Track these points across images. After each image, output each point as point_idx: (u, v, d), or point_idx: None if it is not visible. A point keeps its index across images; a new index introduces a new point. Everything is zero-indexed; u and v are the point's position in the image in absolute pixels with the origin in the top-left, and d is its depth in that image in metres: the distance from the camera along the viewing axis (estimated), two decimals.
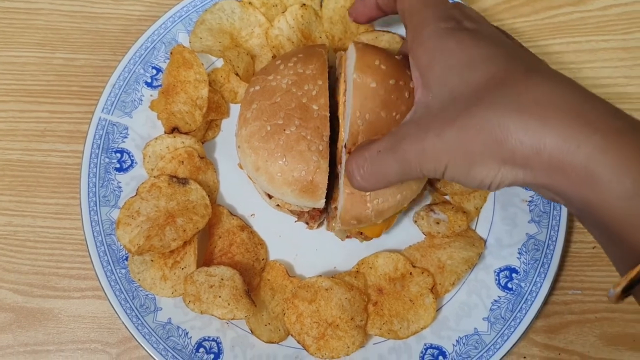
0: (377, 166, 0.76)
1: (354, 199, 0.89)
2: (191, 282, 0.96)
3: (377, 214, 0.90)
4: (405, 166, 0.73)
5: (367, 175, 0.78)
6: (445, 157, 0.69)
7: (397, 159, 0.73)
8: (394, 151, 0.73)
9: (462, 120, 0.67)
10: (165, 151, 1.05)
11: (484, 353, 0.96)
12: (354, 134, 0.87)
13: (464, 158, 0.68)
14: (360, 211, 0.90)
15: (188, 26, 1.16)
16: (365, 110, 0.89)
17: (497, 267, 1.02)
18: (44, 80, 1.20)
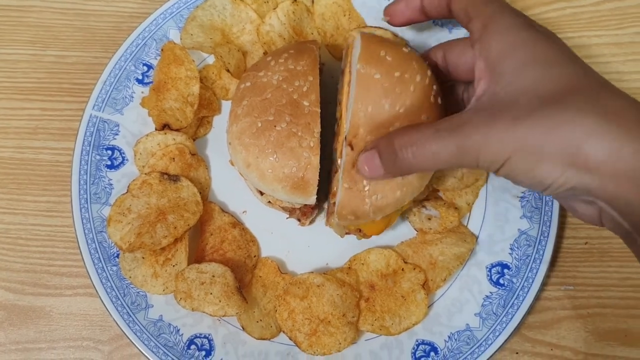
0: (430, 146, 0.73)
1: (352, 194, 0.87)
2: (182, 279, 0.96)
3: (376, 210, 0.88)
4: (462, 151, 0.71)
5: (418, 154, 0.75)
6: (509, 151, 0.68)
7: (455, 142, 0.71)
8: (454, 134, 0.71)
9: (537, 117, 0.66)
10: (157, 148, 1.05)
11: (475, 349, 0.96)
12: (355, 126, 0.86)
13: (531, 155, 0.67)
14: (358, 206, 0.87)
15: (179, 23, 1.16)
16: (368, 102, 0.86)
17: (488, 263, 1.02)
18: (35, 78, 1.20)
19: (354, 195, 0.87)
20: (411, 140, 0.76)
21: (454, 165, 0.74)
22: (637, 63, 1.19)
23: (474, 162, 0.71)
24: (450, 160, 0.73)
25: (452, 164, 0.73)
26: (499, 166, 0.70)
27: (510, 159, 0.68)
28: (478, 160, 0.70)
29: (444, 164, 0.74)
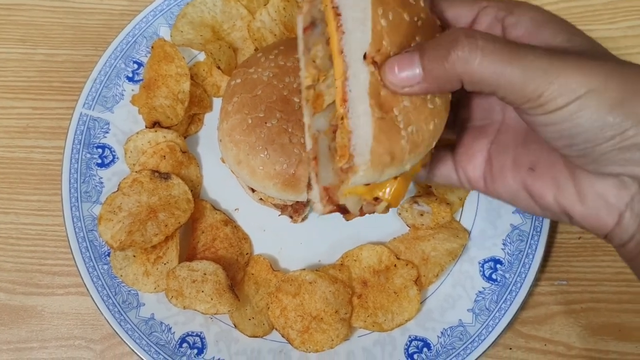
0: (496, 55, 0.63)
1: (385, 125, 0.68)
2: (173, 277, 0.95)
3: (412, 147, 0.70)
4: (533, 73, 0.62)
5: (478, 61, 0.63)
6: (590, 87, 0.61)
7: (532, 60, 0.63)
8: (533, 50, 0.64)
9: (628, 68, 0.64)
10: (147, 146, 1.05)
11: (468, 344, 0.96)
12: (378, 36, 0.68)
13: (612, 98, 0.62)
14: (395, 142, 0.69)
15: (169, 20, 1.16)
16: (388, 8, 0.70)
17: (481, 259, 1.02)
18: (26, 77, 1.20)
19: (388, 127, 0.68)
20: (476, 42, 0.63)
21: (519, 86, 0.63)
22: (630, 57, 1.16)
23: (539, 90, 0.62)
24: (512, 83, 0.63)
25: (516, 84, 0.63)
26: (564, 104, 0.62)
27: (587, 96, 0.62)
28: (548, 89, 0.62)
29: (501, 85, 0.64)
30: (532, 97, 0.63)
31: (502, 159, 0.77)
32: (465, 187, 0.82)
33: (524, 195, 0.75)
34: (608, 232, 0.70)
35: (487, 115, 0.80)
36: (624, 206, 0.67)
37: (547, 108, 0.63)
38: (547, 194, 0.72)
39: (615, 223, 0.69)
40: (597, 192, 0.69)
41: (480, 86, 0.65)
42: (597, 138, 0.63)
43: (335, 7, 0.73)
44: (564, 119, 0.64)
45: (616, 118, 0.62)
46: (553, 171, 0.72)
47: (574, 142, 0.65)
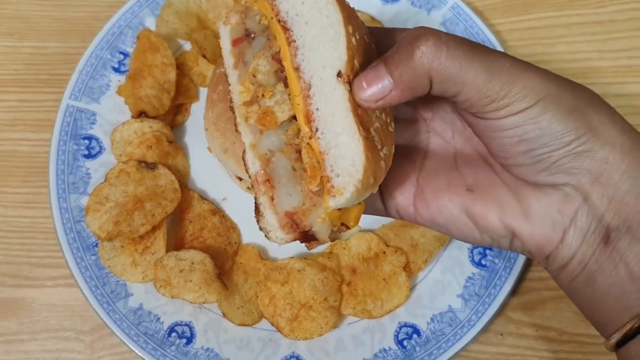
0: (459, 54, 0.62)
1: (369, 144, 0.64)
2: (161, 267, 0.95)
3: (385, 168, 0.68)
4: (493, 75, 0.61)
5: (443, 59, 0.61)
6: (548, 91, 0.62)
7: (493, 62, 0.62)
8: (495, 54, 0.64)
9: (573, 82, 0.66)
10: (133, 136, 1.05)
11: (458, 330, 0.96)
12: (352, 54, 0.65)
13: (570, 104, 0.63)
14: (376, 162, 0.65)
15: (155, 10, 1.16)
16: (355, 28, 0.67)
17: (470, 244, 1.01)
18: (13, 70, 1.19)
19: (372, 147, 0.65)
20: (440, 38, 0.62)
21: (472, 91, 0.63)
22: (618, 41, 1.19)
23: (503, 92, 0.62)
24: (475, 82, 0.62)
25: (474, 86, 0.62)
26: (528, 105, 0.62)
27: (546, 100, 0.62)
28: (507, 92, 0.62)
29: (465, 84, 0.63)
30: (497, 98, 0.62)
31: (434, 183, 0.74)
32: (392, 215, 0.77)
33: (463, 219, 0.71)
34: (551, 252, 0.67)
35: (411, 139, 0.77)
36: (568, 221, 0.66)
37: (510, 110, 0.63)
38: (491, 214, 0.69)
39: (559, 241, 0.66)
40: (543, 207, 0.67)
41: (447, 84, 0.63)
42: (556, 142, 0.64)
43: (283, 22, 0.70)
44: (525, 121, 0.63)
45: (574, 123, 0.63)
46: (494, 191, 0.70)
47: (533, 146, 0.64)
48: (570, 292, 0.70)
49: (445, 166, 0.75)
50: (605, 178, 0.64)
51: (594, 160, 0.64)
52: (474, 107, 0.64)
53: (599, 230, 0.65)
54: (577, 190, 0.65)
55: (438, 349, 0.95)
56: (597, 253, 0.65)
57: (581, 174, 0.64)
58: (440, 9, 1.16)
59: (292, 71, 0.68)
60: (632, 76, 1.17)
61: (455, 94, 0.64)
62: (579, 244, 0.66)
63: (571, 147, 0.64)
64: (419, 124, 0.77)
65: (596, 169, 0.64)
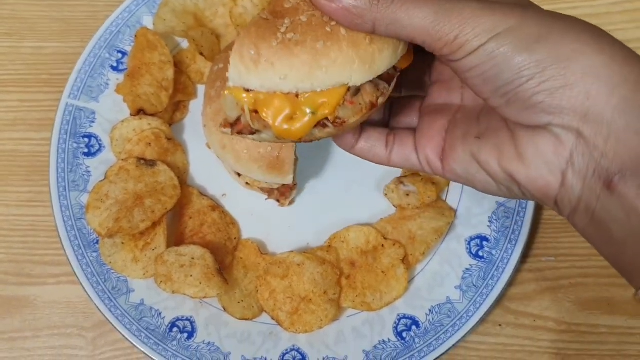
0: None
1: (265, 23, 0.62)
2: (162, 263, 0.96)
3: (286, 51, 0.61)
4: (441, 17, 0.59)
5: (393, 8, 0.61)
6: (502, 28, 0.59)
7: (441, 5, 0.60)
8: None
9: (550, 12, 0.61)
10: (132, 134, 1.06)
11: (457, 321, 0.96)
12: None
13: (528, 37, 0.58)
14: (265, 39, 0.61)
15: (152, 9, 1.17)
16: None
17: (467, 236, 1.03)
18: (13, 70, 1.20)
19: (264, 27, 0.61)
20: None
21: (432, 30, 0.61)
22: (614, 33, 1.13)
23: (453, 34, 0.60)
24: (429, 23, 0.61)
25: (428, 28, 0.61)
26: (477, 45, 0.60)
27: (501, 35, 0.59)
28: (462, 30, 0.60)
29: (415, 28, 0.61)
30: (449, 40, 0.60)
31: (454, 134, 0.74)
32: (425, 170, 0.78)
33: (475, 167, 0.70)
34: (556, 196, 0.63)
35: (446, 98, 0.78)
36: (564, 163, 0.62)
37: (465, 50, 0.61)
38: (491, 159, 0.67)
39: (560, 184, 0.62)
40: (536, 148, 0.63)
41: (396, 30, 0.62)
42: (517, 78, 0.60)
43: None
44: (482, 60, 0.60)
45: (532, 55, 0.58)
46: (496, 135, 0.68)
47: (497, 84, 0.61)
48: (589, 240, 0.65)
49: (469, 118, 0.74)
50: (594, 115, 0.58)
51: (572, 97, 0.58)
52: (434, 50, 0.63)
53: (599, 173, 0.59)
54: (566, 130, 0.60)
55: (437, 340, 0.95)
56: (603, 199, 0.60)
57: (564, 112, 0.59)
58: None
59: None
60: None
61: (411, 38, 0.63)
62: (580, 188, 0.61)
63: (536, 82, 0.59)
64: (454, 81, 0.76)
65: (579, 105, 0.58)
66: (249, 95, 0.62)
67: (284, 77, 0.60)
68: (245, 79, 0.61)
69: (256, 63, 0.60)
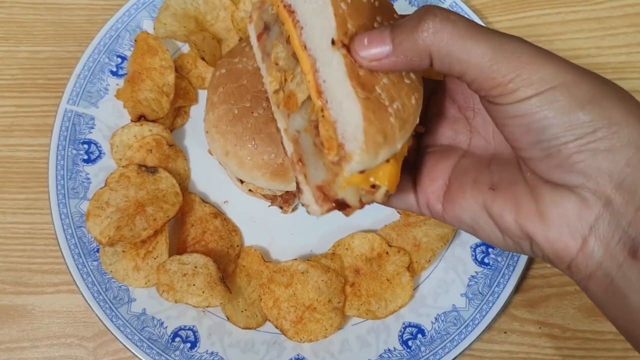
0: (464, 32, 0.61)
1: (371, 104, 0.65)
2: (164, 272, 0.95)
3: (400, 123, 0.68)
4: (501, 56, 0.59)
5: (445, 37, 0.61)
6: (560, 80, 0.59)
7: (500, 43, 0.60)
8: (502, 35, 0.61)
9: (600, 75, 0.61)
10: (133, 140, 1.05)
11: (463, 329, 0.96)
12: (342, 19, 0.67)
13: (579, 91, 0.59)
14: (384, 120, 0.66)
15: (152, 13, 1.16)
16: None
17: (473, 243, 1.02)
18: (9, 75, 1.19)
19: (374, 106, 0.65)
20: (449, 15, 0.62)
21: (487, 67, 0.61)
22: (616, 37, 1.20)
23: (511, 75, 0.60)
24: (487, 59, 0.61)
25: (484, 64, 0.61)
26: (535, 92, 0.60)
27: (558, 88, 0.58)
28: (519, 74, 0.60)
29: (475, 61, 0.61)
30: (503, 82, 0.60)
31: (462, 180, 0.73)
32: (423, 212, 0.77)
33: (484, 218, 0.69)
34: (572, 260, 0.63)
35: (451, 139, 0.77)
36: (587, 229, 0.61)
37: (516, 96, 0.60)
38: (507, 213, 0.66)
39: (579, 249, 0.62)
40: (559, 210, 0.62)
41: (450, 63, 0.62)
42: (565, 134, 0.59)
43: (288, 5, 0.74)
44: (532, 110, 0.60)
45: (587, 115, 0.58)
46: (514, 189, 0.67)
47: (541, 137, 0.61)
48: (601, 306, 0.64)
49: (478, 165, 0.73)
50: (629, 184, 0.59)
51: (614, 162, 0.58)
52: (482, 89, 0.63)
53: (625, 241, 0.59)
54: (596, 195, 0.60)
55: (443, 349, 0.95)
56: (625, 267, 0.60)
57: (600, 177, 0.59)
58: None
59: (300, 50, 0.71)
60: (631, 72, 1.18)
61: (461, 74, 0.63)
62: (602, 254, 0.60)
63: (584, 142, 0.59)
64: (460, 123, 0.77)
65: (617, 172, 0.59)
66: (365, 174, 0.67)
67: (400, 144, 0.67)
68: (371, 163, 0.66)
69: (387, 142, 0.65)
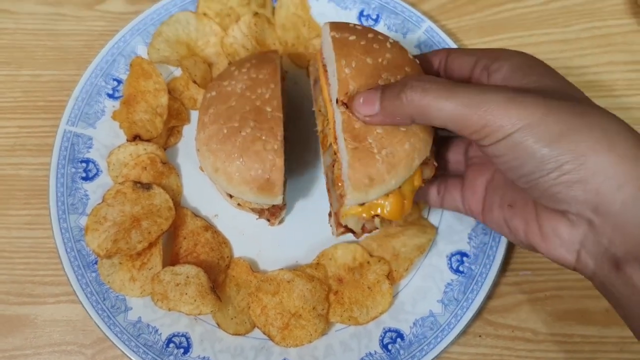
0: (440, 94, 0.72)
1: (359, 153, 0.82)
2: (158, 282, 1.00)
3: (389, 167, 0.83)
4: (469, 111, 0.69)
5: (424, 99, 0.72)
6: (523, 123, 0.67)
7: (469, 99, 0.70)
8: (470, 90, 0.70)
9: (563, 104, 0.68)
10: (129, 158, 1.10)
11: (439, 333, 1.00)
12: (344, 82, 0.85)
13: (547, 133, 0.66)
14: (370, 165, 0.82)
15: (146, 39, 1.21)
16: (351, 58, 0.87)
17: (448, 252, 1.07)
18: (11, 97, 1.24)
19: (362, 154, 0.82)
20: (423, 85, 0.73)
21: (461, 121, 0.71)
22: (584, 58, 1.26)
23: (480, 124, 0.69)
24: (458, 114, 0.70)
25: (458, 119, 0.71)
26: (502, 136, 0.68)
27: (524, 130, 0.67)
28: (487, 122, 0.68)
29: (451, 117, 0.71)
30: (477, 129, 0.70)
31: (493, 196, 0.85)
32: (469, 215, 0.93)
33: (506, 230, 0.82)
34: (574, 268, 0.74)
35: None
36: (578, 244, 0.71)
37: (491, 139, 0.70)
38: (519, 230, 0.79)
39: (575, 261, 0.72)
40: (553, 229, 0.73)
41: (429, 120, 0.74)
42: (538, 170, 0.68)
43: (324, 65, 0.97)
44: (507, 150, 0.70)
45: (553, 151, 0.66)
46: (525, 208, 0.78)
47: (520, 173, 0.71)
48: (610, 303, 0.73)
49: (506, 181, 0.84)
50: (603, 209, 0.66)
51: (586, 192, 0.66)
52: (465, 135, 0.73)
53: (607, 256, 0.68)
54: (581, 218, 0.69)
55: (420, 352, 0.99)
56: (613, 278, 0.68)
57: (579, 204, 0.67)
58: (415, 32, 1.22)
59: (328, 103, 0.95)
60: (598, 90, 1.23)
61: (443, 126, 0.74)
62: (593, 266, 0.70)
63: (555, 176, 0.67)
64: None
65: (591, 199, 0.66)
66: (365, 207, 0.89)
67: (395, 183, 0.85)
68: (363, 198, 0.86)
69: (374, 184, 0.84)
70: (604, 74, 1.24)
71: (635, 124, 0.72)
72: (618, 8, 1.30)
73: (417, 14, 1.24)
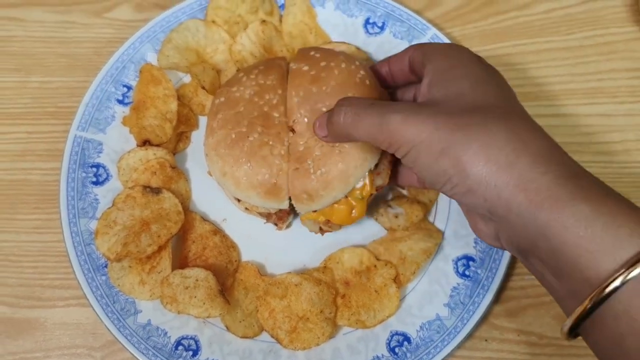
0: (360, 115, 0.80)
1: (298, 174, 0.94)
2: (167, 285, 1.01)
3: (324, 184, 0.94)
4: (380, 128, 0.77)
5: (350, 120, 0.81)
6: (419, 139, 0.73)
7: (380, 117, 0.77)
8: (382, 109, 0.77)
9: (452, 117, 0.73)
10: (139, 163, 1.11)
11: (445, 336, 1.01)
12: (291, 111, 0.97)
13: (436, 148, 0.72)
14: (306, 183, 0.94)
15: (156, 45, 1.23)
16: (299, 89, 0.97)
17: (454, 256, 1.08)
18: (22, 103, 1.25)
19: (300, 175, 0.94)
20: (350, 106, 0.83)
21: (373, 140, 0.79)
22: (586, 65, 1.27)
23: (387, 142, 0.77)
24: (370, 134, 0.79)
25: (371, 137, 0.79)
26: (405, 152, 0.76)
27: (417, 147, 0.73)
28: (391, 141, 0.76)
29: (366, 136, 0.80)
30: (386, 146, 0.78)
31: None
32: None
33: None
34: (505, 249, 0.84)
35: None
36: (496, 235, 0.80)
37: (399, 154, 0.78)
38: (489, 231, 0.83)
39: (502, 246, 0.81)
40: (475, 224, 0.84)
41: (354, 139, 0.84)
42: (437, 182, 0.75)
43: None
44: (412, 164, 0.77)
45: (440, 166, 0.72)
46: None
47: (429, 183, 0.77)
48: None
49: None
50: (495, 211, 0.72)
51: (477, 200, 0.72)
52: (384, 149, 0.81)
53: (517, 248, 0.75)
54: (486, 217, 0.77)
55: (427, 355, 1.00)
56: (526, 263, 0.77)
57: (477, 208, 0.75)
58: (421, 40, 1.23)
59: None
60: (601, 97, 1.24)
61: (373, 143, 0.81)
62: (510, 249, 0.79)
63: (449, 187, 0.74)
64: None
65: (483, 205, 0.72)
66: (317, 213, 1.01)
67: (335, 196, 0.96)
68: (309, 208, 0.99)
69: (313, 198, 0.96)
70: (607, 80, 1.25)
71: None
72: (620, 16, 1.31)
73: (422, 22, 1.25)
